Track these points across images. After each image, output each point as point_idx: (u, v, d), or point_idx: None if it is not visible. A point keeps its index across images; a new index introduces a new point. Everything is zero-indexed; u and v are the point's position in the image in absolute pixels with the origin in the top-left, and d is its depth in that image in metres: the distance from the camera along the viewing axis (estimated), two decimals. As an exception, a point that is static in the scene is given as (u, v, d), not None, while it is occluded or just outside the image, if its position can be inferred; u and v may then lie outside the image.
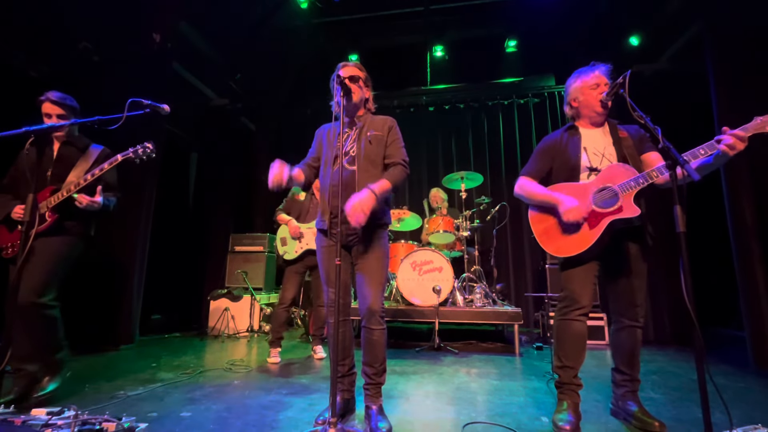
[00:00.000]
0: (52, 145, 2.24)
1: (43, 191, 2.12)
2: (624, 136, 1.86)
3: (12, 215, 2.06)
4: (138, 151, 2.13)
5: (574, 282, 1.83)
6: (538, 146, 2.04)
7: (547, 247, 1.85)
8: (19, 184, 2.19)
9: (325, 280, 1.97)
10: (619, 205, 1.69)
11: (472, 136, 5.74)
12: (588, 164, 1.83)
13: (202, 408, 1.96)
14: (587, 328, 1.85)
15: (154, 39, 4.29)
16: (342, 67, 1.95)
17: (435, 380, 2.53)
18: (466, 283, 3.99)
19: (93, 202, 2.09)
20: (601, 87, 1.86)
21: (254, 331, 4.30)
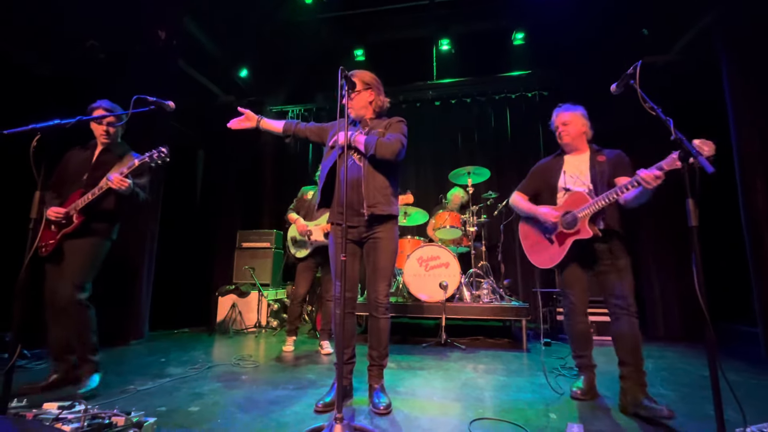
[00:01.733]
0: (94, 150, 2.35)
1: (73, 194, 2.19)
2: (602, 160, 2.13)
3: (47, 215, 2.12)
4: (153, 155, 2.18)
5: (572, 292, 2.16)
6: (532, 168, 2.40)
7: (531, 259, 2.26)
8: (62, 186, 2.28)
9: (335, 273, 2.00)
10: (578, 228, 2.03)
11: (479, 130, 5.69)
12: (564, 185, 2.17)
13: (210, 403, 1.98)
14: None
15: (160, 36, 4.30)
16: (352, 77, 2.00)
17: (442, 376, 2.52)
18: (473, 279, 3.96)
19: (122, 182, 2.12)
20: (559, 128, 2.24)
21: (262, 326, 4.33)
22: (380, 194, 1.96)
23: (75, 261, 2.18)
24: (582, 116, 2.21)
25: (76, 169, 2.32)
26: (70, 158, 2.38)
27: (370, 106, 2.08)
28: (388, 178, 2.00)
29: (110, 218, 2.30)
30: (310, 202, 3.48)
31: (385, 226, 1.98)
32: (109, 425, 1.42)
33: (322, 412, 1.85)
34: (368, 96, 2.06)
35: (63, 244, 2.20)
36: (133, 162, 2.17)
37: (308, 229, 3.33)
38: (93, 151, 2.36)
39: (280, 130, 2.18)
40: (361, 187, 1.93)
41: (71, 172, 2.32)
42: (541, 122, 5.42)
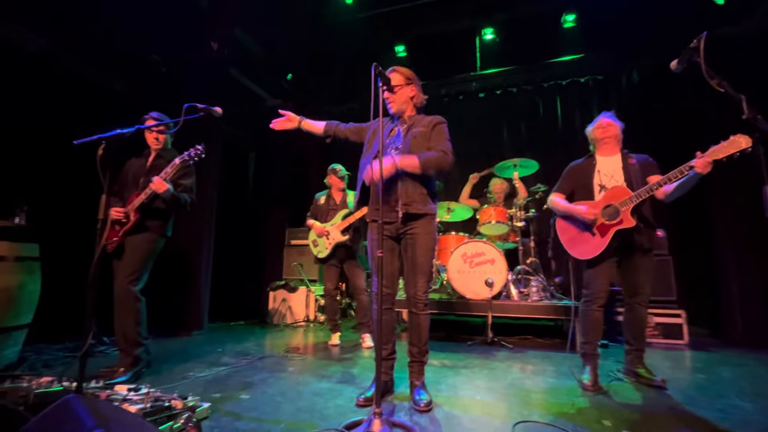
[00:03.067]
0: (149, 157, 2.58)
1: (132, 196, 2.42)
2: (632, 162, 2.33)
3: (111, 215, 2.36)
4: (191, 153, 2.35)
5: (596, 280, 2.30)
6: (566, 169, 2.58)
7: (572, 251, 2.40)
8: (123, 190, 2.54)
9: (374, 269, 2.01)
10: (620, 218, 2.18)
11: (526, 121, 5.43)
12: (600, 183, 2.34)
13: (259, 392, 2.09)
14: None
15: (213, 47, 4.58)
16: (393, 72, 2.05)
17: (486, 375, 2.46)
18: (521, 276, 3.80)
19: (161, 185, 2.30)
20: (602, 126, 2.41)
21: (310, 320, 4.48)
22: (416, 193, 1.95)
23: (130, 255, 2.39)
24: (620, 126, 2.42)
25: (134, 175, 2.56)
26: (129, 166, 2.63)
27: (411, 102, 2.09)
28: (425, 177, 1.99)
29: (162, 216, 2.50)
30: (322, 206, 3.64)
31: (422, 221, 1.97)
32: (169, 408, 1.54)
33: (362, 406, 1.88)
34: (409, 91, 2.07)
35: (124, 241, 2.43)
36: (173, 162, 2.34)
37: (325, 230, 3.45)
38: (147, 158, 2.60)
39: (321, 131, 2.24)
40: (397, 185, 1.92)
41: (130, 178, 2.56)
42: (596, 109, 5.06)
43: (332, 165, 3.63)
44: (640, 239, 2.23)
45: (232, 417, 1.73)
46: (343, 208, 3.50)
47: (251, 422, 1.68)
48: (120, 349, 2.38)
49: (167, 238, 2.56)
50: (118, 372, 2.30)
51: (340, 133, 2.22)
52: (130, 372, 2.32)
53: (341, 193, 3.58)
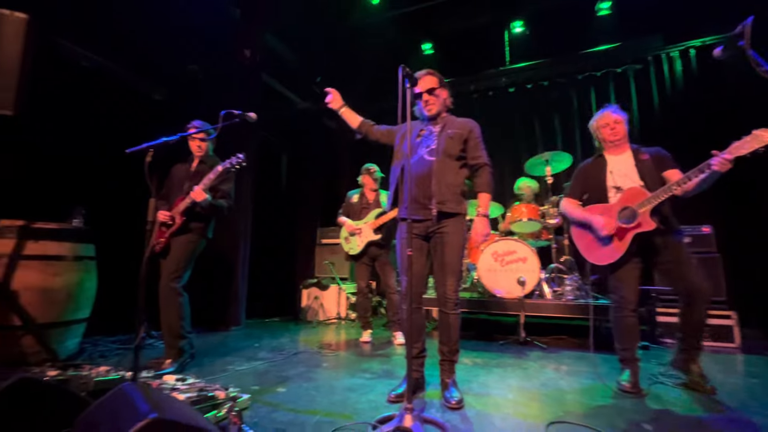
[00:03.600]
0: (192, 163, 2.74)
1: (177, 200, 2.58)
2: (645, 158, 2.19)
3: (159, 217, 2.53)
4: (232, 161, 2.47)
5: (622, 285, 2.18)
6: (575, 172, 2.46)
7: (589, 257, 2.29)
8: (170, 193, 2.71)
9: (401, 268, 2.04)
10: (638, 221, 2.06)
11: (559, 114, 5.27)
12: (614, 184, 2.21)
13: (295, 386, 2.17)
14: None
15: (246, 55, 4.76)
16: (419, 79, 2.05)
17: (519, 375, 2.42)
18: (554, 275, 3.71)
19: (200, 195, 2.44)
20: (610, 125, 2.25)
21: (341, 318, 4.58)
22: (450, 192, 1.97)
23: (174, 254, 2.55)
24: (626, 120, 2.28)
25: (179, 180, 2.71)
26: (175, 171, 2.79)
27: (445, 104, 2.11)
28: (460, 176, 2.01)
29: (204, 219, 2.64)
30: (354, 204, 3.67)
31: (453, 220, 1.98)
32: (212, 398, 1.64)
33: (394, 402, 1.91)
34: (443, 93, 2.10)
35: (170, 242, 2.59)
36: (216, 170, 2.47)
37: (358, 228, 3.50)
38: (191, 164, 2.75)
39: (355, 126, 2.30)
40: (430, 183, 1.94)
41: (176, 182, 2.72)
42: (636, 98, 4.83)
43: (367, 165, 3.67)
44: (659, 243, 2.10)
45: (270, 408, 1.82)
46: (376, 207, 3.54)
47: (288, 413, 1.76)
48: (166, 342, 2.54)
49: (208, 240, 2.71)
50: (165, 363, 2.46)
51: (372, 134, 2.27)
52: (176, 363, 2.47)
53: (374, 193, 3.63)
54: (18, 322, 2.20)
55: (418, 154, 2.06)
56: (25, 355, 2.28)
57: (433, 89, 2.05)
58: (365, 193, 3.66)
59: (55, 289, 2.38)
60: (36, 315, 2.27)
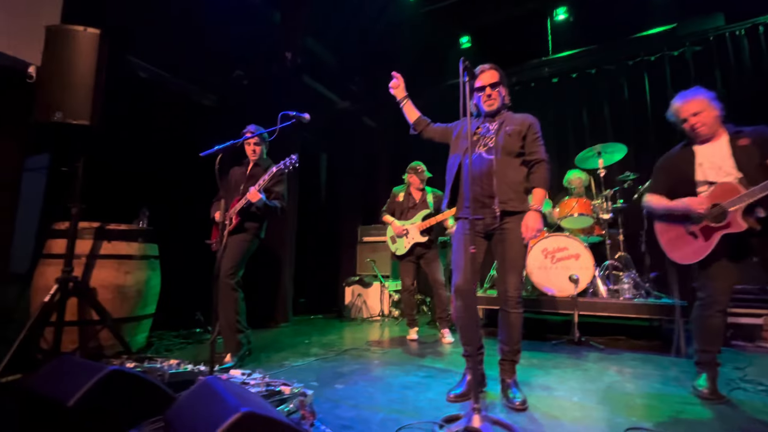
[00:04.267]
0: (248, 166, 2.84)
1: (234, 201, 2.69)
2: (744, 144, 1.91)
3: (216, 218, 2.66)
4: (286, 162, 2.53)
5: (711, 283, 1.97)
6: (657, 164, 2.23)
7: (671, 255, 2.11)
8: (227, 195, 2.81)
9: (454, 265, 2.01)
10: (727, 222, 1.86)
11: (609, 104, 5.00)
12: (704, 178, 1.98)
13: (351, 382, 2.20)
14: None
15: (287, 58, 4.87)
16: (480, 73, 2.02)
17: (580, 377, 2.33)
18: (609, 272, 3.53)
19: (254, 196, 2.52)
20: (690, 120, 1.99)
21: (384, 315, 4.59)
22: (512, 190, 1.92)
23: (230, 252, 2.64)
24: (710, 100, 1.99)
25: (235, 182, 2.82)
26: (232, 173, 2.91)
27: (504, 101, 2.07)
28: (521, 173, 1.96)
29: (258, 219, 2.74)
30: (401, 203, 3.62)
31: (515, 218, 1.92)
32: (279, 392, 1.69)
33: (453, 401, 1.89)
34: (503, 90, 2.05)
35: (228, 240, 2.68)
36: (270, 171, 2.54)
37: (404, 229, 3.46)
38: (247, 167, 2.85)
39: (412, 120, 2.26)
40: (491, 182, 1.90)
41: (232, 185, 2.83)
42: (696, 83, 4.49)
43: (413, 163, 3.63)
44: (755, 244, 1.88)
45: (332, 403, 1.85)
46: (423, 207, 3.51)
47: (350, 409, 1.78)
48: (224, 337, 2.65)
49: (260, 240, 2.79)
50: (226, 358, 2.57)
51: (427, 132, 2.24)
52: (235, 357, 2.57)
53: (421, 192, 3.59)
54: (95, 317, 2.36)
55: (477, 152, 2.01)
56: (103, 348, 2.46)
57: (497, 84, 2.01)
58: (411, 192, 3.62)
59: (126, 286, 2.55)
60: (111, 311, 2.44)
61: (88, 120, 2.20)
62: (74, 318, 2.34)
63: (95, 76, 2.23)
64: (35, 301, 2.43)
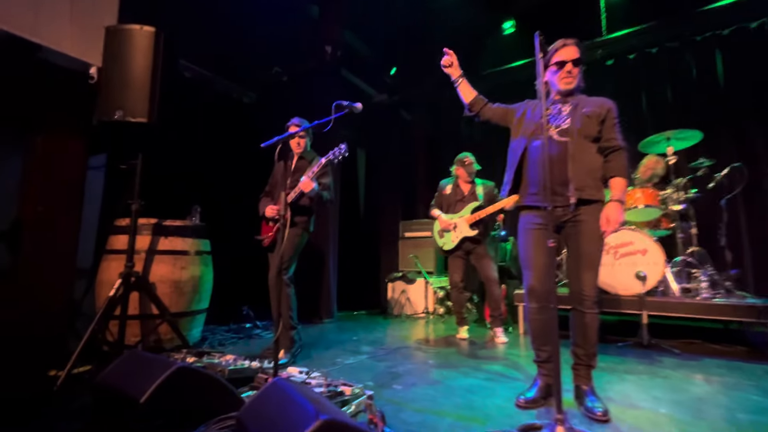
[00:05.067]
0: (292, 160, 2.80)
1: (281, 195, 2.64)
2: None
3: (266, 213, 2.63)
4: (335, 152, 2.44)
5: None
6: None
7: None
8: (274, 189, 2.82)
9: (526, 263, 1.85)
10: None
11: (673, 85, 4.57)
12: None
13: (409, 383, 2.10)
14: None
15: (326, 51, 4.83)
16: (561, 48, 1.85)
17: (661, 385, 2.10)
18: (682, 269, 3.21)
19: (307, 185, 2.47)
20: None
21: (429, 312, 4.47)
22: (589, 177, 1.75)
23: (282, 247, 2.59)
24: None
25: (282, 176, 2.77)
26: (277, 168, 2.88)
27: (580, 82, 1.89)
28: (597, 159, 1.79)
29: (307, 212, 2.70)
30: (448, 196, 3.46)
31: (590, 208, 1.75)
32: (341, 393, 1.62)
33: (524, 408, 1.75)
34: (580, 79, 1.88)
35: (277, 237, 2.66)
36: (320, 162, 2.47)
37: (452, 223, 3.31)
38: (291, 161, 2.80)
39: (467, 101, 2.09)
40: (566, 168, 1.73)
41: (278, 179, 2.80)
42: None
43: (461, 155, 3.47)
44: None
45: (394, 406, 1.76)
46: (472, 200, 3.35)
47: (415, 413, 1.69)
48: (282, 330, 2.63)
49: (310, 233, 2.75)
50: (279, 354, 2.55)
51: (485, 113, 2.08)
52: (288, 354, 2.55)
53: (469, 185, 3.43)
54: (155, 312, 2.41)
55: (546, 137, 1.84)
56: (162, 342, 2.51)
57: (579, 61, 1.82)
58: (459, 185, 3.46)
59: (182, 282, 2.59)
60: (169, 305, 2.48)
61: (146, 117, 2.23)
62: (136, 312, 2.40)
63: (152, 74, 2.26)
64: (100, 296, 2.52)
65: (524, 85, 5.66)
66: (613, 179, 1.77)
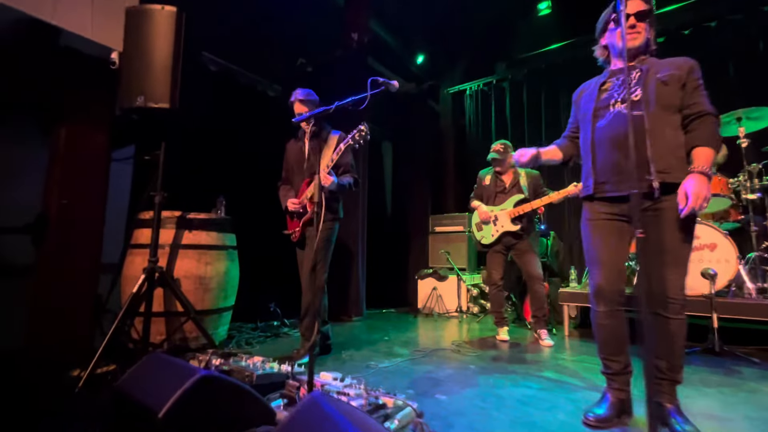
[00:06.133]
0: (304, 138, 2.56)
1: (302, 185, 2.46)
2: None
3: (289, 207, 2.45)
4: (354, 136, 2.12)
5: None
6: None
7: None
8: (291, 176, 2.60)
9: (592, 259, 1.60)
10: None
11: (735, 62, 4.12)
12: None
13: (454, 392, 1.88)
14: None
15: (353, 38, 4.63)
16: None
17: (748, 400, 1.80)
18: (757, 266, 2.84)
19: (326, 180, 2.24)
20: None
21: (462, 311, 4.22)
22: (673, 156, 1.47)
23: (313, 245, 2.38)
24: None
25: (296, 159, 2.56)
26: (289, 150, 2.65)
27: (648, 43, 1.60)
28: (680, 134, 1.50)
29: (334, 201, 2.48)
30: (488, 187, 3.20)
31: (673, 195, 1.46)
32: (383, 406, 1.43)
33: (594, 427, 1.50)
34: (648, 27, 1.57)
35: (305, 231, 2.47)
36: (338, 149, 2.24)
37: (492, 215, 3.06)
38: (303, 139, 2.55)
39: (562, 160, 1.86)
40: (645, 146, 1.45)
41: (292, 163, 2.58)
42: None
43: (497, 142, 3.19)
44: None
45: (442, 421, 1.55)
46: (516, 191, 3.08)
47: (467, 430, 1.47)
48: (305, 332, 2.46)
49: (340, 220, 2.56)
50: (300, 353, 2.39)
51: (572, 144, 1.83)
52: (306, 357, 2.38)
53: (511, 174, 3.16)
54: (180, 309, 2.29)
55: (612, 112, 1.58)
56: (187, 340, 2.39)
57: (644, 14, 1.53)
58: (499, 175, 3.19)
59: (208, 278, 2.46)
60: (194, 302, 2.36)
61: (168, 103, 2.09)
62: (161, 309, 2.29)
63: (173, 56, 2.12)
64: (125, 291, 2.42)
65: (563, 68, 5.31)
66: (699, 148, 1.45)
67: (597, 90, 1.65)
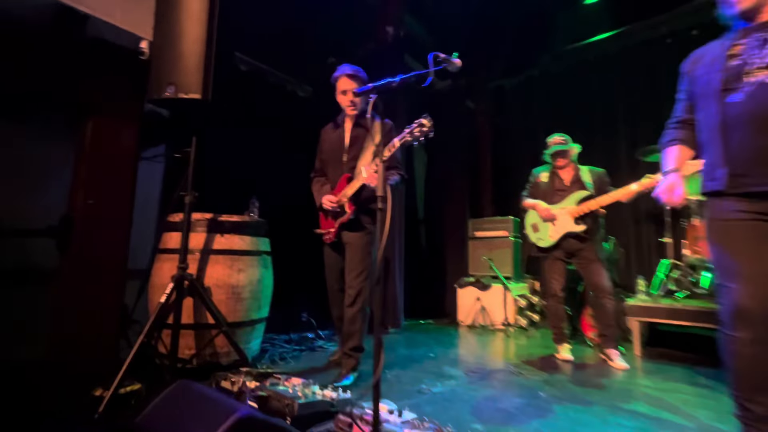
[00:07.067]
0: (344, 126, 2.24)
1: (341, 180, 2.17)
2: None
3: (324, 205, 2.17)
4: (413, 132, 1.79)
5: None
6: None
7: None
8: (326, 167, 2.31)
9: (728, 271, 1.25)
10: None
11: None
12: None
13: (532, 429, 1.56)
14: None
15: (388, 32, 4.41)
16: None
17: None
18: None
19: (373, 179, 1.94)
20: None
21: (509, 324, 3.85)
22: None
23: (353, 256, 2.12)
24: None
25: (333, 149, 2.24)
26: (324, 137, 2.34)
27: None
28: None
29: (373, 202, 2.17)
30: (544, 185, 2.84)
31: None
32: (459, 454, 1.13)
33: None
34: None
35: (341, 235, 2.18)
36: (393, 143, 1.90)
37: (552, 214, 2.70)
38: (343, 127, 2.24)
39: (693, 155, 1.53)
40: None
41: (328, 153, 2.26)
42: None
43: (556, 135, 2.84)
44: None
45: (529, 474, 1.23)
46: (578, 187, 2.72)
47: (567, 491, 1.15)
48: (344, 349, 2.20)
49: None
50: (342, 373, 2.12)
51: (691, 131, 1.49)
52: (351, 374, 2.12)
53: (573, 171, 2.81)
54: (210, 321, 2.07)
55: (753, 82, 1.23)
56: (218, 355, 2.17)
57: None
58: (558, 173, 2.83)
59: (240, 286, 2.24)
60: (225, 313, 2.15)
61: (199, 93, 1.89)
62: (190, 321, 2.08)
63: (206, 43, 1.93)
64: (152, 300, 2.24)
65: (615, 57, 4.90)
66: None
67: (724, 56, 1.31)
